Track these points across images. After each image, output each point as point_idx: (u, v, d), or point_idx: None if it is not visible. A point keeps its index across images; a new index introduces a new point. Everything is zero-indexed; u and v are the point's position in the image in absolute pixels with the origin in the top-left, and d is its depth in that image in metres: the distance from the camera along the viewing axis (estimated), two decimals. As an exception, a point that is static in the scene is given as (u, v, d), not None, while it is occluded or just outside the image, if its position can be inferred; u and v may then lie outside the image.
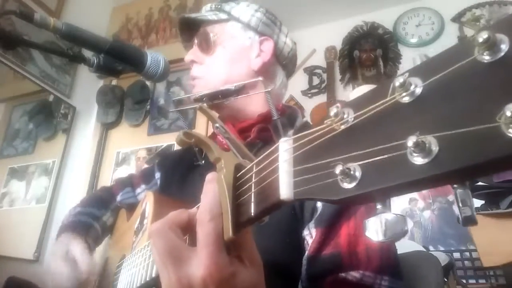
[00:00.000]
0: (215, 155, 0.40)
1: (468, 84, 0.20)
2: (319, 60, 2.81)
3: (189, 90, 0.89)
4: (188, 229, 0.40)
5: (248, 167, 0.36)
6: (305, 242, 0.64)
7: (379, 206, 0.25)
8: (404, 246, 1.46)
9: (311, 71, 2.82)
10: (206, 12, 0.88)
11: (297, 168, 0.29)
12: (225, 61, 0.84)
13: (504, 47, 0.19)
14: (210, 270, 0.34)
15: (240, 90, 0.81)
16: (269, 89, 0.80)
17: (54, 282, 0.80)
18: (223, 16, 0.86)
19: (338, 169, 0.25)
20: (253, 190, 0.33)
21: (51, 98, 2.42)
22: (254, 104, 0.84)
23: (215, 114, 0.47)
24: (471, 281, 1.98)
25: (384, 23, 2.71)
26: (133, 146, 2.51)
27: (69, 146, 2.43)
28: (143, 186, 1.02)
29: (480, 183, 1.71)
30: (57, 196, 2.28)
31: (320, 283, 0.58)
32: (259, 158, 0.34)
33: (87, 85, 2.60)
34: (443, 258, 1.65)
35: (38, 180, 2.31)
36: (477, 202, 1.73)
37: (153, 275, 0.52)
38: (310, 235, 0.63)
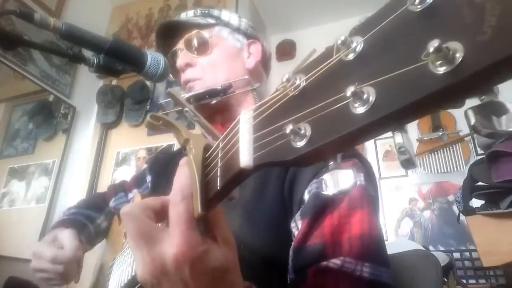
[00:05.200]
0: (184, 136, 0.40)
1: (402, 32, 0.21)
2: (319, 60, 2.81)
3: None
4: (162, 215, 0.40)
5: (215, 145, 0.37)
6: (292, 234, 0.64)
7: (331, 163, 0.27)
8: (403, 246, 1.46)
9: (311, 71, 2.82)
10: (193, 17, 0.89)
11: (256, 135, 0.30)
12: (223, 60, 0.85)
13: None
14: (182, 248, 0.34)
15: (226, 89, 0.82)
16: (255, 87, 0.83)
17: (35, 263, 0.80)
18: (211, 20, 0.89)
19: (288, 129, 0.26)
20: (219, 165, 0.34)
21: (51, 98, 2.42)
22: (241, 104, 0.86)
23: (182, 99, 0.47)
24: (471, 281, 1.98)
25: (384, 23, 2.71)
26: (133, 146, 2.51)
27: (69, 146, 2.43)
28: (134, 191, 1.04)
29: (480, 183, 1.71)
30: (57, 196, 2.27)
31: (304, 273, 0.57)
32: (223, 134, 0.35)
33: (87, 85, 2.60)
34: (443, 258, 1.65)
35: (38, 180, 2.31)
36: (477, 202, 1.73)
37: None
38: (296, 227, 0.63)
